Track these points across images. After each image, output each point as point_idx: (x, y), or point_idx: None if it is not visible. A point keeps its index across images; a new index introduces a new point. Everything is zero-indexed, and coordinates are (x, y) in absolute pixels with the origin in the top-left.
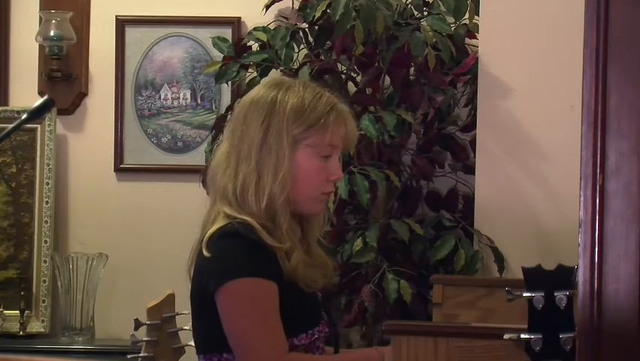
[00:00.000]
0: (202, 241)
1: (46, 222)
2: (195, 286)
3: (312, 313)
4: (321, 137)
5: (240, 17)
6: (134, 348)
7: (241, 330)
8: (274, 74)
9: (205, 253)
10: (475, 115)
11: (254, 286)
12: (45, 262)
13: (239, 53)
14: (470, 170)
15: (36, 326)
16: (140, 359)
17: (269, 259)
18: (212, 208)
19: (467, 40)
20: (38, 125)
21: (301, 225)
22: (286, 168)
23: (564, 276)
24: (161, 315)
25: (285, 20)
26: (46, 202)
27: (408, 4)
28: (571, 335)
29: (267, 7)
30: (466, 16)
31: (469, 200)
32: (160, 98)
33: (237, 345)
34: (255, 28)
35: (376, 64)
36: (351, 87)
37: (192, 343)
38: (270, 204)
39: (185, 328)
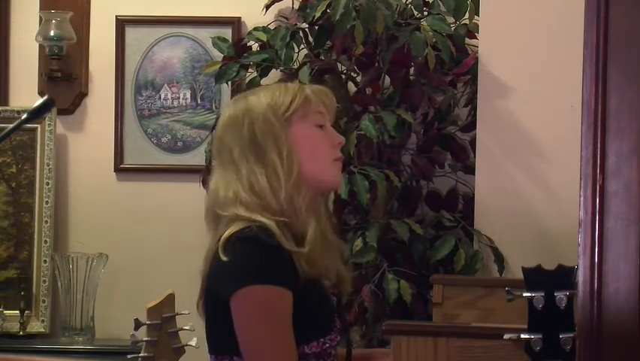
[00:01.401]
0: (218, 242)
1: (46, 222)
2: (210, 288)
3: (326, 321)
4: (307, 106)
5: (240, 17)
6: (134, 348)
7: (252, 338)
8: (274, 74)
9: (222, 256)
10: (475, 115)
11: (268, 293)
12: (45, 262)
13: (239, 53)
14: (470, 170)
15: (36, 326)
16: (140, 359)
17: (286, 266)
18: (223, 218)
19: (467, 40)
20: (38, 125)
21: None
22: (287, 148)
23: (564, 276)
24: (161, 315)
25: (285, 20)
26: (46, 202)
27: (408, 4)
28: (571, 335)
29: (267, 7)
30: (466, 16)
31: (469, 200)
32: (160, 98)
33: (247, 352)
34: (255, 28)
35: (376, 64)
36: (351, 87)
37: (192, 343)
38: (286, 186)
39: (185, 328)
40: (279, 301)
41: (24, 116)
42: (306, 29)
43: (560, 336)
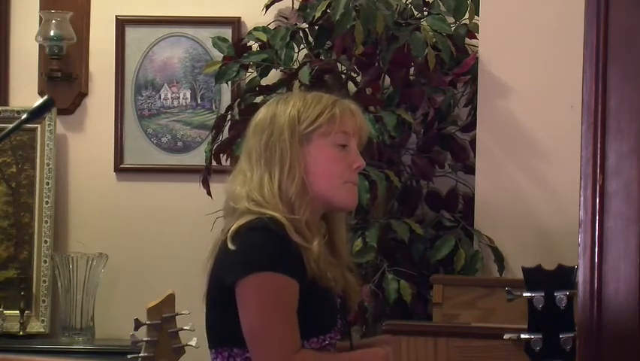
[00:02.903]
0: (227, 233)
1: (46, 222)
2: (215, 277)
3: (328, 319)
4: (332, 124)
5: (240, 17)
6: (134, 348)
7: (257, 324)
8: (274, 74)
9: (230, 245)
10: (475, 115)
11: (276, 281)
12: (45, 262)
13: (239, 52)
14: (470, 170)
15: (36, 326)
16: (140, 359)
17: (294, 257)
18: (236, 212)
19: (467, 40)
20: (38, 125)
21: (328, 229)
22: (290, 163)
23: (564, 276)
24: (161, 315)
25: (285, 20)
26: (46, 202)
27: (408, 4)
28: (571, 335)
29: (267, 7)
30: (466, 16)
31: (469, 200)
32: (160, 98)
33: (250, 338)
34: (255, 28)
35: (376, 64)
36: (351, 87)
37: (192, 343)
38: (286, 197)
39: (185, 328)
40: (285, 289)
41: (24, 116)
42: (306, 29)
43: (560, 336)
